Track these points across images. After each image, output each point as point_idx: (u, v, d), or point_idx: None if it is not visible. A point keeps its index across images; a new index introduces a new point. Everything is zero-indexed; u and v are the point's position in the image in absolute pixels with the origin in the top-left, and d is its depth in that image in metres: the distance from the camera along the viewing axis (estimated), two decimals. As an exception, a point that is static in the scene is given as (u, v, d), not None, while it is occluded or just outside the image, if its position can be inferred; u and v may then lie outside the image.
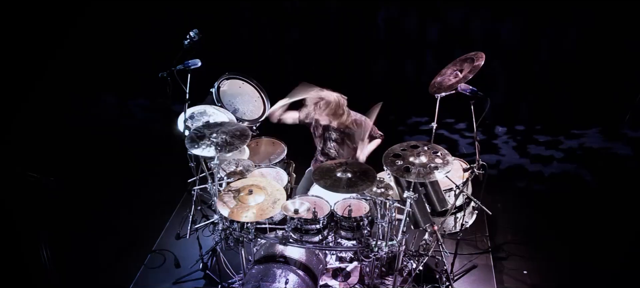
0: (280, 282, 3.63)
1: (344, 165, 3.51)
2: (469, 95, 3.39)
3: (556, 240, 4.89)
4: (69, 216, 5.15)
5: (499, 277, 4.50)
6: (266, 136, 4.79)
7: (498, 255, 4.73)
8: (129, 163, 6.14)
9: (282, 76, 6.81)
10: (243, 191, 3.72)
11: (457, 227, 4.09)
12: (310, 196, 3.97)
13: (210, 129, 3.75)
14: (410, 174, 3.29)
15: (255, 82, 4.73)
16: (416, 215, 3.61)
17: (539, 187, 5.76)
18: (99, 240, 4.94)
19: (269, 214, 3.58)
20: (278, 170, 4.36)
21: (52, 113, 7.01)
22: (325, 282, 4.29)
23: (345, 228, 3.70)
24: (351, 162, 3.62)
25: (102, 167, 6.06)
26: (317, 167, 3.68)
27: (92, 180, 5.79)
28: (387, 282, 4.33)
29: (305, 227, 3.67)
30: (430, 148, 3.48)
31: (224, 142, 3.65)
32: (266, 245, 4.03)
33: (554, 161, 6.13)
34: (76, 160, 6.14)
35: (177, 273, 4.52)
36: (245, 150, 4.44)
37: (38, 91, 7.09)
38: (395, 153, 3.47)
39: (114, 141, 6.61)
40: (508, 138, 6.56)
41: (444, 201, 3.75)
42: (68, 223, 5.04)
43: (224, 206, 3.66)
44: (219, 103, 4.40)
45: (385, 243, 3.66)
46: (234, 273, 4.35)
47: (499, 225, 5.09)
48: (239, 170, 3.84)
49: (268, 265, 3.79)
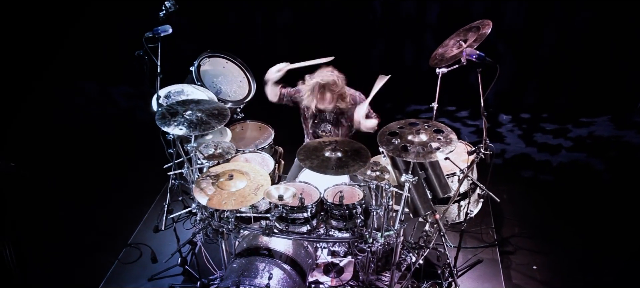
0: (263, 276, 3.24)
1: (333, 143, 3.11)
2: (476, 61, 3.00)
3: (567, 233, 4.52)
4: (37, 208, 4.80)
5: (507, 272, 4.12)
6: (252, 120, 4.40)
7: (505, 249, 4.36)
8: (106, 152, 5.78)
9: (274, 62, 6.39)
10: (222, 177, 3.34)
11: (461, 217, 3.69)
12: (297, 182, 3.58)
13: (185, 105, 3.36)
14: (409, 154, 2.89)
15: (239, 61, 4.35)
16: (416, 202, 3.21)
17: (547, 177, 5.38)
18: (70, 233, 4.56)
19: (251, 201, 3.19)
20: (264, 155, 3.97)
21: (25, 102, 6.60)
22: (316, 278, 3.92)
23: (337, 217, 3.31)
24: (341, 140, 3.23)
25: (77, 156, 5.69)
26: (303, 146, 3.28)
27: (66, 170, 5.43)
28: (383, 278, 3.95)
29: (291, 215, 3.27)
30: (431, 126, 3.09)
31: (199, 121, 3.26)
32: (249, 237, 3.64)
33: (563, 150, 5.75)
34: (50, 150, 5.78)
35: (154, 268, 4.14)
36: (228, 133, 4.05)
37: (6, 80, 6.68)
38: (391, 132, 3.08)
39: (91, 130, 6.26)
40: (513, 126, 6.18)
41: (446, 186, 3.35)
42: (35, 216, 4.68)
43: (201, 193, 3.27)
44: (199, 82, 4.01)
45: (381, 234, 3.27)
46: (215, 269, 3.96)
47: (505, 216, 4.73)
48: (218, 152, 3.45)
49: (250, 258, 3.40)
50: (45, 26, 6.56)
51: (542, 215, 4.77)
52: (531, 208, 4.85)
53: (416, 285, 3.83)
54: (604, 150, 5.72)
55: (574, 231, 4.53)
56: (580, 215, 4.71)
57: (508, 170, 5.43)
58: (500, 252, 4.30)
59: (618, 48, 6.02)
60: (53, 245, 4.40)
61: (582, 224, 4.60)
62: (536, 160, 5.63)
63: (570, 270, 4.14)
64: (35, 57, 6.63)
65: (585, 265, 4.19)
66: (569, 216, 4.71)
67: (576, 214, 4.73)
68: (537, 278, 4.09)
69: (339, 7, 6.31)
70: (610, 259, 4.21)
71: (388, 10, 6.26)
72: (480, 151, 3.10)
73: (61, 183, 5.18)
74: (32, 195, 4.85)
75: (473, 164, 3.27)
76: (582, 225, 4.60)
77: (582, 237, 4.45)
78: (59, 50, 6.68)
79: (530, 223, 4.64)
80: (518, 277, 4.10)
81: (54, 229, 4.59)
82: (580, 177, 5.36)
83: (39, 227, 4.58)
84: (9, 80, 6.52)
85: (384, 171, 3.13)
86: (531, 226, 4.61)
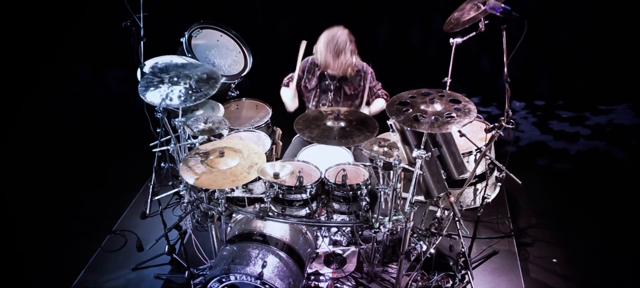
0: (256, 264, 2.89)
1: (336, 111, 2.75)
2: (500, 16, 2.64)
3: (587, 224, 4.16)
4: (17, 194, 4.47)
5: (524, 265, 3.77)
6: (249, 98, 4.06)
7: (522, 240, 4.00)
8: (94, 137, 5.45)
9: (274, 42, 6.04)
10: (213, 154, 3.00)
11: (477, 202, 3.34)
12: (295, 161, 3.23)
13: (170, 71, 3.01)
14: (422, 124, 2.53)
15: (234, 33, 4.01)
16: (428, 182, 2.85)
17: (564, 166, 5.02)
18: (52, 220, 4.22)
19: (243, 181, 2.85)
20: (260, 134, 3.63)
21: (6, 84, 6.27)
22: (316, 270, 3.57)
23: (339, 199, 2.96)
24: (345, 109, 2.87)
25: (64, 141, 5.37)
26: (302, 115, 2.92)
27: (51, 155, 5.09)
28: (390, 269, 3.60)
29: (288, 196, 2.92)
30: (446, 95, 2.73)
31: (189, 88, 2.91)
32: (242, 222, 3.29)
33: (581, 138, 5.38)
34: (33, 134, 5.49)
35: (139, 257, 3.80)
36: (220, 108, 3.71)
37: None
38: (402, 101, 2.72)
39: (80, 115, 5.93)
40: (526, 113, 5.82)
41: (462, 166, 2.99)
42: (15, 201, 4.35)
43: (188, 172, 2.93)
44: (190, 54, 3.67)
45: (389, 218, 2.92)
46: (205, 258, 3.61)
47: (521, 206, 4.38)
48: (208, 127, 3.10)
49: (242, 244, 3.05)
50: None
51: (560, 205, 4.42)
52: (548, 198, 4.50)
53: (426, 277, 3.48)
54: (624, 139, 5.36)
55: (595, 222, 4.17)
56: (601, 206, 4.36)
57: (523, 158, 5.08)
58: (517, 243, 3.95)
59: (637, 33, 5.67)
60: (33, 232, 4.08)
61: (603, 215, 4.25)
62: (552, 148, 5.27)
63: (593, 264, 3.79)
64: (20, 39, 6.31)
65: (608, 258, 3.83)
66: (588, 206, 4.36)
67: (596, 204, 4.38)
68: (558, 272, 3.73)
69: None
70: (634, 252, 3.85)
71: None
72: (502, 124, 2.73)
73: (45, 168, 4.85)
74: (12, 180, 4.52)
75: (492, 140, 2.90)
76: (603, 215, 4.25)
77: (604, 229, 4.10)
78: (47, 34, 6.35)
79: (548, 214, 4.29)
80: (537, 271, 3.74)
81: (35, 215, 4.27)
82: (600, 166, 5.01)
83: (18, 213, 4.25)
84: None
85: (393, 147, 2.78)
86: (549, 216, 4.26)
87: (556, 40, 5.90)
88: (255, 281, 2.86)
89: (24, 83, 6.26)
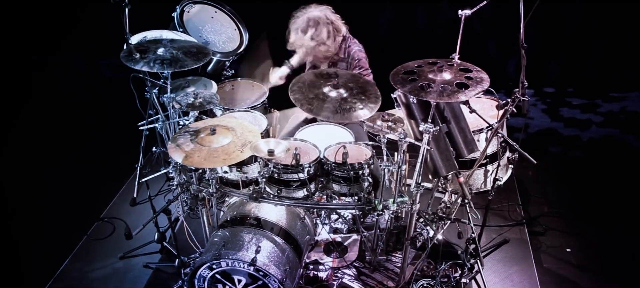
0: (250, 249, 2.67)
1: (335, 76, 2.53)
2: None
3: (601, 213, 3.93)
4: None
5: (537, 255, 3.54)
6: (244, 78, 3.84)
7: (533, 229, 3.78)
8: (84, 123, 5.24)
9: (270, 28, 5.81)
10: (203, 132, 2.78)
11: (488, 184, 3.11)
12: (292, 140, 3.01)
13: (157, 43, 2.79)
14: (429, 94, 2.31)
15: (229, 9, 3.79)
16: (436, 160, 2.63)
17: (576, 153, 4.79)
18: (38, 207, 4.01)
19: (236, 160, 2.63)
20: (255, 114, 3.41)
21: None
22: (315, 259, 3.35)
23: (339, 179, 2.74)
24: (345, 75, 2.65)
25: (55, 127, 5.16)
26: (297, 78, 2.69)
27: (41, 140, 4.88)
28: (394, 258, 3.38)
29: (284, 176, 2.70)
30: (457, 64, 2.51)
31: (174, 58, 2.70)
32: (235, 206, 3.07)
33: (593, 126, 5.15)
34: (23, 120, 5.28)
35: (128, 245, 3.57)
36: (213, 87, 3.49)
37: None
38: (408, 70, 2.50)
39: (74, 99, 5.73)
40: (536, 100, 5.59)
41: (472, 143, 2.77)
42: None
43: (177, 150, 2.71)
44: (181, 29, 3.46)
45: (393, 200, 2.69)
46: (197, 246, 3.39)
47: (532, 194, 4.15)
48: (198, 103, 2.88)
49: (235, 229, 2.83)
50: None
51: (573, 193, 4.19)
52: (560, 186, 4.27)
53: (433, 266, 3.26)
54: (639, 126, 5.12)
55: (609, 211, 3.94)
56: (615, 194, 4.13)
57: (533, 145, 4.83)
58: (529, 232, 3.72)
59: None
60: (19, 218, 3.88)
61: (618, 204, 4.02)
62: (563, 135, 5.04)
63: (608, 255, 3.56)
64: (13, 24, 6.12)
65: (624, 249, 3.60)
66: (602, 194, 4.13)
67: (610, 193, 4.15)
68: (573, 262, 3.51)
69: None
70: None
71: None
72: (517, 96, 2.50)
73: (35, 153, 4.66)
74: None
75: (505, 116, 2.67)
76: (617, 205, 4.02)
77: (619, 218, 3.87)
78: (38, 19, 6.16)
79: (560, 202, 4.06)
80: (550, 261, 3.51)
81: (23, 202, 4.08)
82: (614, 154, 4.78)
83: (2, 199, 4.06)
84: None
85: (398, 121, 2.56)
86: (561, 204, 4.03)
87: (570, 24, 5.66)
88: (248, 267, 2.64)
89: (13, 70, 6.08)
